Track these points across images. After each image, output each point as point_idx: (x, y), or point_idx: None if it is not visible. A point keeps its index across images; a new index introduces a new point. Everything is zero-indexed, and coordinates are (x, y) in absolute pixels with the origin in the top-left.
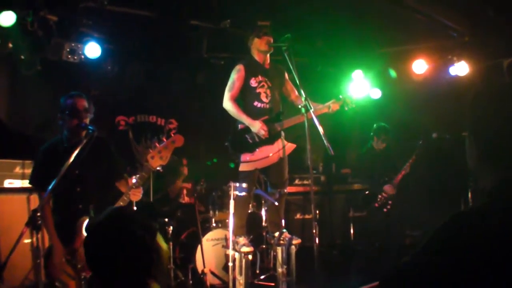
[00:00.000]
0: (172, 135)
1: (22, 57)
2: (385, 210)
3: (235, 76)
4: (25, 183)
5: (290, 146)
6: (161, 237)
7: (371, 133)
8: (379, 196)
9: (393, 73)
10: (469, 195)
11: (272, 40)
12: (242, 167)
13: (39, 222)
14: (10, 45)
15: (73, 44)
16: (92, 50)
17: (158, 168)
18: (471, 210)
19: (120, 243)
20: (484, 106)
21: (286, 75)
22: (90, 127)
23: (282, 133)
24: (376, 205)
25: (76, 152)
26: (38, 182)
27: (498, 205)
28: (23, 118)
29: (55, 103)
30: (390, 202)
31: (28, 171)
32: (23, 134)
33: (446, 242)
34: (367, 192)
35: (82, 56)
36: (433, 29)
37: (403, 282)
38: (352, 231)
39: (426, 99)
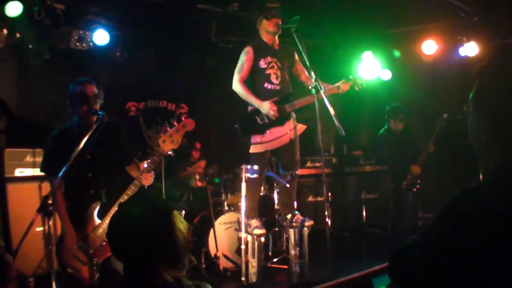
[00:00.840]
0: (183, 119)
1: (30, 46)
2: (414, 190)
3: (244, 58)
4: (36, 172)
5: (300, 127)
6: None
7: (386, 116)
8: (408, 176)
9: (396, 53)
10: (481, 176)
11: (280, 22)
12: (253, 149)
13: (51, 208)
14: (18, 35)
15: (81, 32)
16: (100, 37)
17: (169, 153)
18: (473, 188)
19: (146, 230)
20: (492, 85)
21: (296, 56)
22: (100, 112)
23: (293, 114)
24: (403, 185)
25: (86, 137)
26: (49, 168)
27: (503, 182)
28: (33, 107)
29: (64, 91)
30: (418, 181)
31: (39, 159)
32: (33, 123)
33: (451, 219)
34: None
35: (91, 44)
36: (442, 9)
37: (411, 259)
38: (364, 213)
39: (436, 80)
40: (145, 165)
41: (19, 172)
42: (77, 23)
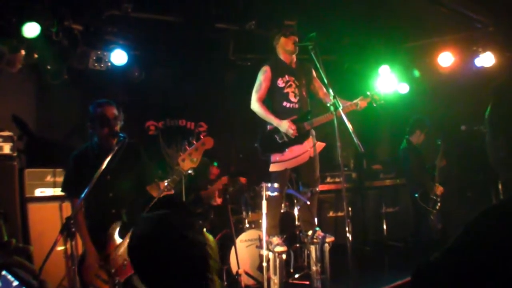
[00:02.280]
0: (202, 137)
1: (49, 67)
2: (437, 208)
3: (262, 78)
4: (57, 191)
5: (320, 145)
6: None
7: (410, 128)
8: (430, 197)
9: (416, 73)
10: (500, 186)
11: (297, 39)
12: (273, 168)
13: (73, 229)
14: (36, 55)
15: (99, 52)
16: (118, 57)
17: (189, 172)
18: (501, 203)
19: (172, 249)
20: (507, 102)
21: (314, 73)
22: (121, 134)
23: (312, 132)
24: (430, 207)
25: (108, 158)
26: (70, 189)
27: None
28: (52, 126)
29: (83, 110)
30: (439, 199)
31: (59, 179)
32: (52, 143)
33: (477, 237)
34: (418, 193)
35: (109, 64)
36: (457, 21)
37: (434, 278)
38: (385, 226)
39: (453, 92)
40: (165, 184)
41: (39, 192)
42: (95, 43)
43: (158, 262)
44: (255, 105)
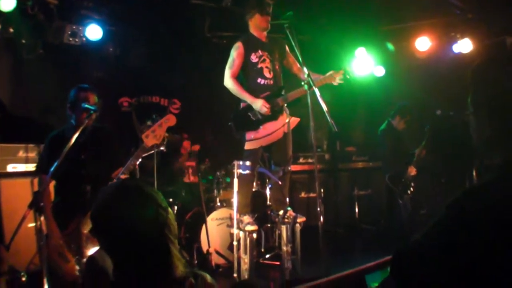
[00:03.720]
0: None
1: (24, 41)
2: (409, 192)
3: (235, 54)
4: (29, 167)
5: (294, 120)
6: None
7: (393, 112)
8: (402, 180)
9: (390, 46)
10: (474, 172)
11: (269, 18)
12: (247, 146)
13: (42, 204)
14: (11, 29)
15: (74, 27)
16: (94, 32)
17: (162, 148)
18: (479, 186)
19: (131, 210)
20: (486, 78)
21: (287, 48)
22: (91, 107)
23: (286, 109)
24: (399, 189)
25: (77, 133)
26: (43, 168)
27: (508, 179)
28: (26, 102)
29: (58, 86)
30: (413, 184)
31: (32, 155)
32: (26, 118)
33: (455, 219)
34: (389, 174)
35: (84, 39)
36: (436, 5)
37: (415, 259)
38: (357, 209)
39: (429, 77)
40: (129, 161)
41: (11, 167)
42: (71, 18)
43: (119, 226)
44: (229, 82)
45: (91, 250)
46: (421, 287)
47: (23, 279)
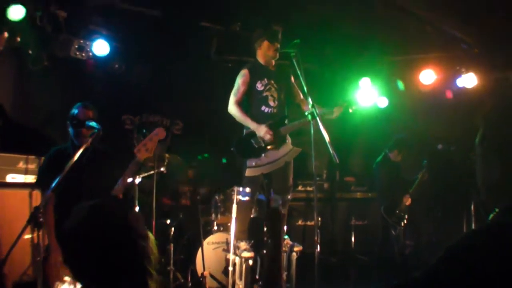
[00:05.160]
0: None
1: (30, 52)
2: (402, 224)
3: (240, 81)
4: (28, 178)
5: (295, 150)
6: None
7: (391, 144)
8: (397, 212)
9: (401, 85)
10: (472, 207)
11: (278, 46)
12: (248, 172)
13: (41, 219)
14: (18, 39)
15: (81, 41)
16: (100, 47)
17: (162, 169)
18: (486, 227)
19: (106, 238)
20: (500, 124)
21: (292, 78)
22: (95, 125)
23: (288, 138)
24: (392, 221)
25: (81, 150)
26: (44, 182)
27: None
28: (28, 112)
29: (60, 99)
30: (406, 216)
31: (31, 166)
32: (28, 129)
33: (460, 259)
34: (384, 207)
35: (90, 53)
36: (442, 39)
37: None
38: (353, 239)
39: (432, 110)
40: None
41: (11, 178)
42: (79, 32)
43: (92, 253)
44: (233, 108)
45: None
46: None
47: None
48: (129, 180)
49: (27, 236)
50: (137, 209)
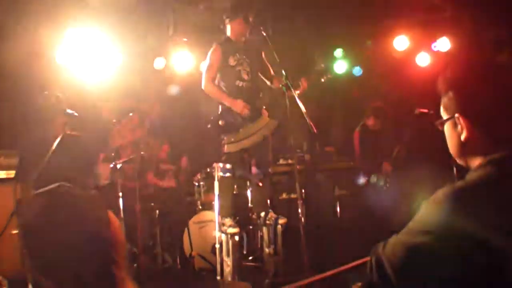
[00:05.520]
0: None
1: None
2: (384, 188)
3: (213, 57)
4: (11, 174)
5: (272, 123)
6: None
7: (368, 112)
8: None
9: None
10: (454, 171)
11: (251, 19)
12: (227, 148)
13: None
14: None
15: None
16: None
17: (142, 153)
18: (458, 185)
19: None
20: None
21: (263, 54)
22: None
23: (264, 111)
24: (371, 178)
25: (56, 142)
26: (25, 177)
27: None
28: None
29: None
30: (388, 180)
31: (12, 161)
32: (6, 124)
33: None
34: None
35: None
36: (415, 3)
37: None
38: (338, 209)
39: (408, 76)
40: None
41: None
42: None
43: (49, 246)
44: (208, 86)
45: None
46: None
47: (4, 286)
48: (111, 166)
49: (15, 231)
50: (120, 194)
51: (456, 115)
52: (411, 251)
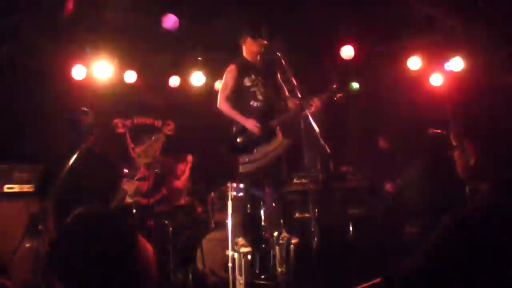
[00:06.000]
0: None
1: None
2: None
3: (228, 77)
4: (24, 188)
5: (286, 142)
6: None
7: (377, 134)
8: (382, 194)
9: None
10: (467, 190)
11: (265, 42)
12: (243, 169)
13: (39, 227)
14: None
15: None
16: None
17: (156, 171)
18: (468, 211)
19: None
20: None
21: (279, 75)
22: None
23: (278, 131)
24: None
25: (74, 157)
26: (45, 192)
27: (497, 206)
28: (23, 122)
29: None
30: (391, 198)
31: (26, 175)
32: (22, 138)
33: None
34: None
35: None
36: (427, 25)
37: (405, 283)
38: (351, 228)
39: (421, 95)
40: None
41: (6, 188)
42: None
43: (80, 266)
44: (222, 105)
45: None
46: None
47: None
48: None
49: (28, 244)
50: (134, 211)
51: None
52: None
